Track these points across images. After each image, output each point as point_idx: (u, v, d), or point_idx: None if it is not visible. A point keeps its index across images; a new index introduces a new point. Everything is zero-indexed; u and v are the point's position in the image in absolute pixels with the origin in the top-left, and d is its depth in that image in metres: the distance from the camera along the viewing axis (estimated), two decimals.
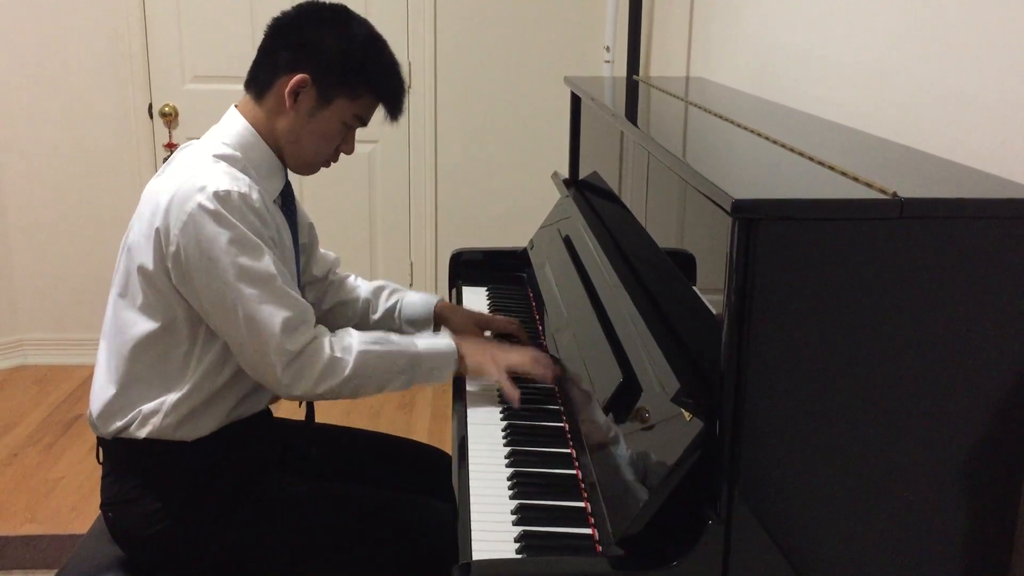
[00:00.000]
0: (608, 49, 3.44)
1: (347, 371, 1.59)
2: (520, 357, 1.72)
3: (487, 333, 1.98)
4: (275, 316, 1.53)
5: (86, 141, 3.76)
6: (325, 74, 1.61)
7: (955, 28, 1.43)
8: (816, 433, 1.12)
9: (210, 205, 1.50)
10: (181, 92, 3.71)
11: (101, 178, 3.77)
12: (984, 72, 1.35)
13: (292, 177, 1.74)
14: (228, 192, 1.51)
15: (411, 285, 3.94)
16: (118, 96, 3.72)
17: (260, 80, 1.65)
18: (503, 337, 1.96)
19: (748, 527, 1.13)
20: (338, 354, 1.59)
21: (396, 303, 1.99)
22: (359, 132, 1.72)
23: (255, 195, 1.55)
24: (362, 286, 2.00)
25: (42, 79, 3.69)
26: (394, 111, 1.69)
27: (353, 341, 1.62)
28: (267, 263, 1.53)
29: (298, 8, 1.66)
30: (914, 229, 1.08)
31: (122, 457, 1.63)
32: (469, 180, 3.86)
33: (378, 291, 2.00)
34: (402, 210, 3.89)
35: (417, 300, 1.99)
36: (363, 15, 1.68)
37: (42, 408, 3.57)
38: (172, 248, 1.51)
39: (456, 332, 1.98)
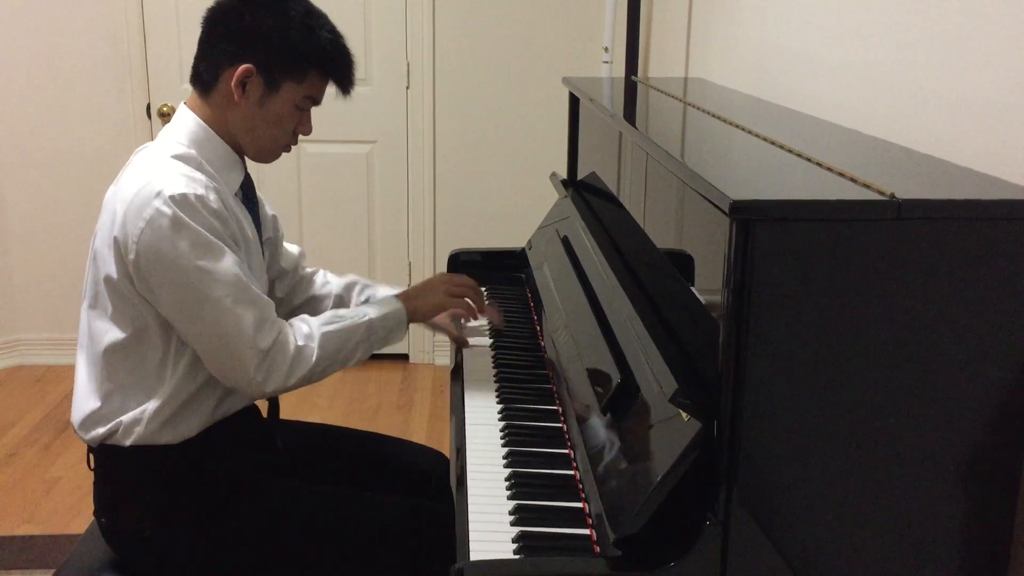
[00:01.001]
0: (607, 50, 3.44)
1: (314, 357, 1.60)
2: (460, 281, 1.85)
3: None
4: (244, 316, 1.52)
5: (84, 141, 3.75)
6: (269, 61, 1.58)
7: (953, 29, 1.43)
8: (814, 433, 1.12)
9: (167, 210, 1.48)
10: (179, 92, 3.70)
11: (99, 178, 3.74)
12: (982, 74, 1.35)
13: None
14: (184, 195, 1.49)
15: (409, 286, 3.93)
16: (116, 96, 3.72)
17: (204, 75, 1.62)
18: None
19: (746, 528, 1.13)
20: (301, 342, 1.59)
21: (368, 299, 1.99)
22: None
23: (212, 195, 1.53)
24: (333, 282, 2.00)
25: (40, 79, 3.69)
26: (344, 85, 1.67)
27: (312, 327, 1.63)
28: (229, 264, 1.52)
29: None
30: (912, 230, 1.08)
31: (111, 463, 1.63)
32: (467, 180, 3.86)
33: (350, 287, 2.00)
34: (400, 210, 3.89)
35: (389, 294, 1.99)
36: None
37: (39, 408, 3.57)
38: (132, 256, 1.50)
39: (428, 323, 2.01)
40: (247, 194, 1.71)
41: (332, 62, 1.63)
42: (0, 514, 2.84)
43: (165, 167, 1.54)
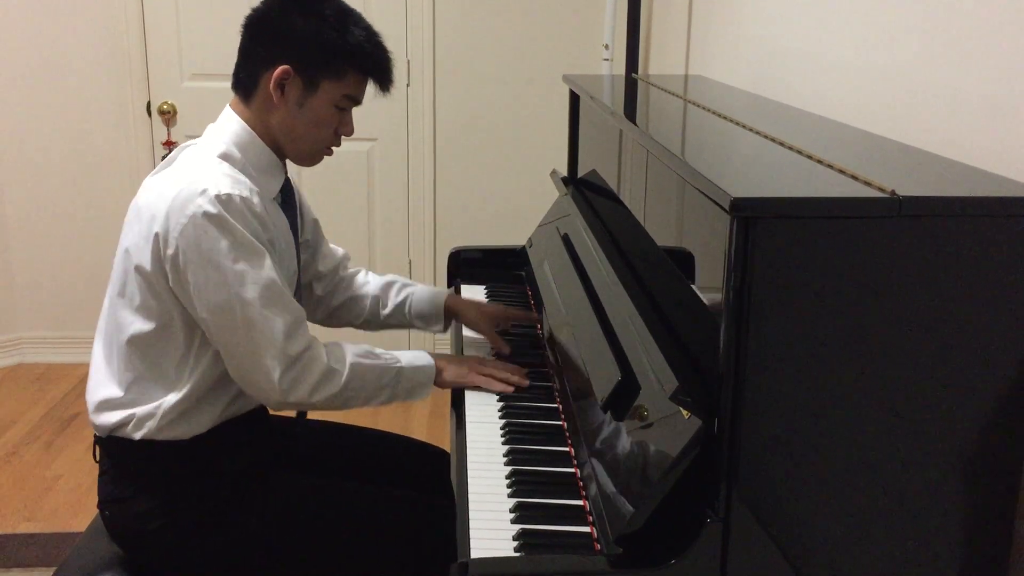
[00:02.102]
0: (607, 47, 3.43)
1: (342, 382, 1.60)
2: (494, 368, 1.76)
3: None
4: (276, 321, 1.53)
5: (84, 139, 3.75)
6: (305, 61, 1.59)
7: (953, 26, 1.43)
8: (814, 431, 1.12)
9: (212, 209, 1.49)
10: (180, 90, 3.71)
11: (99, 176, 3.76)
12: (983, 71, 1.35)
13: (291, 172, 1.74)
14: (230, 196, 1.51)
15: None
16: (116, 94, 3.72)
17: (244, 80, 1.64)
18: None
19: (746, 525, 1.13)
20: (334, 365, 1.60)
21: (406, 298, 2.01)
22: (358, 129, 1.71)
23: (256, 199, 1.55)
24: (372, 282, 2.02)
25: (40, 77, 3.69)
26: (383, 83, 1.67)
27: (346, 353, 1.63)
28: (268, 268, 1.53)
29: (266, 1, 1.65)
30: (912, 227, 1.08)
31: (119, 455, 1.63)
32: (468, 178, 3.86)
33: (388, 286, 2.01)
34: (401, 208, 3.89)
35: (426, 295, 2.02)
36: (362, 11, 1.67)
37: (40, 406, 3.57)
38: (170, 251, 1.51)
39: (471, 327, 2.00)
40: (286, 198, 1.72)
41: (368, 59, 1.64)
42: (1, 512, 2.84)
43: (211, 166, 1.56)
